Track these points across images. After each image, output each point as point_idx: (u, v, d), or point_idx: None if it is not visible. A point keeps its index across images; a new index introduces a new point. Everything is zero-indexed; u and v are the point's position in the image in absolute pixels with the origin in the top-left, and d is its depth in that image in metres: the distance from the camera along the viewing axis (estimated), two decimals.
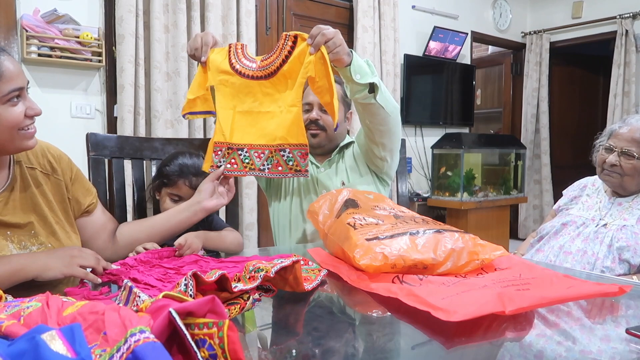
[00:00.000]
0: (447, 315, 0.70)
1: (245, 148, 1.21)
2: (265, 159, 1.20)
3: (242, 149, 1.21)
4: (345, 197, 1.23)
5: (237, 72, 1.21)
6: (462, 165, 4.06)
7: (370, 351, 0.69)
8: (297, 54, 1.18)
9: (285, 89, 1.20)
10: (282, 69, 1.18)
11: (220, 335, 0.49)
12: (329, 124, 1.67)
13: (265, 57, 1.21)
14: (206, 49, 1.23)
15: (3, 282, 0.90)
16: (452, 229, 1.03)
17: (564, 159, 5.22)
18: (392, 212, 1.18)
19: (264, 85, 1.21)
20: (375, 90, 1.38)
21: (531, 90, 5.08)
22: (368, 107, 1.42)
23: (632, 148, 1.53)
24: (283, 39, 1.19)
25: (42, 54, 2.46)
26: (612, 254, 1.45)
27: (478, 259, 0.96)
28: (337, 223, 1.12)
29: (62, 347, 0.46)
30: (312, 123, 1.67)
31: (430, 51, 4.28)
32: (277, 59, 1.19)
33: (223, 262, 1.10)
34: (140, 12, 2.71)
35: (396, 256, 0.92)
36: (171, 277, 0.99)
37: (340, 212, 1.17)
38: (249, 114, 1.22)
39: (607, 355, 0.65)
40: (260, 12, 3.34)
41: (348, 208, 1.17)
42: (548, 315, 0.79)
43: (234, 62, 1.22)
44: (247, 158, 1.20)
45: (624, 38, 4.46)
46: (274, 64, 1.19)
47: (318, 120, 1.66)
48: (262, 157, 1.20)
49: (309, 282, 0.94)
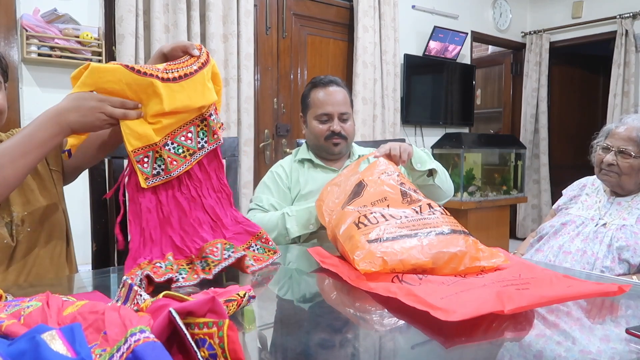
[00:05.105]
0: (446, 315, 0.70)
1: (168, 141, 1.02)
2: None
3: (166, 143, 1.02)
4: (354, 183, 1.23)
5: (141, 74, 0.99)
6: (462, 165, 4.06)
7: (370, 351, 0.69)
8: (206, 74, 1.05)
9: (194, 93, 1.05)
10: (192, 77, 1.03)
11: (220, 334, 0.49)
12: (349, 132, 1.72)
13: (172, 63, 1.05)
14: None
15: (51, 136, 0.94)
16: (457, 229, 1.02)
17: (563, 159, 5.22)
18: (401, 188, 1.17)
19: (170, 87, 1.01)
20: (434, 174, 1.54)
21: (531, 90, 5.08)
22: (426, 187, 1.54)
23: (629, 147, 1.53)
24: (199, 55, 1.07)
25: (42, 53, 2.46)
26: (612, 253, 1.45)
27: (479, 266, 0.96)
28: (342, 217, 1.11)
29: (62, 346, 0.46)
30: (334, 135, 1.69)
31: (430, 51, 4.28)
32: (187, 68, 1.04)
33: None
34: (140, 12, 2.71)
35: (396, 261, 0.92)
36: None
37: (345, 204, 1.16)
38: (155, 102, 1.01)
39: (606, 355, 0.65)
40: (260, 11, 3.34)
41: (355, 197, 1.17)
42: (547, 315, 0.79)
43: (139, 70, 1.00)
44: (179, 148, 1.03)
45: (623, 38, 4.46)
46: (182, 70, 1.03)
47: (341, 132, 1.69)
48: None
49: (260, 262, 1.04)
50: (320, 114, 1.70)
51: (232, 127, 3.03)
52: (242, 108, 3.09)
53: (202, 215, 1.06)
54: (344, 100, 1.72)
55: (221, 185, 1.10)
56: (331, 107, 1.69)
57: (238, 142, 2.99)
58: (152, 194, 1.03)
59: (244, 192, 3.09)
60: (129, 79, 0.96)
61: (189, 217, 1.04)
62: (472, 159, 4.34)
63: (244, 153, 3.12)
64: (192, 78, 1.02)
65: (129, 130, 0.98)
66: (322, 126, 1.70)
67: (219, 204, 1.09)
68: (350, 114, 1.74)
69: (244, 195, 3.09)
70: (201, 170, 1.08)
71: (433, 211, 1.08)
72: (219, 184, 1.10)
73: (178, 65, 1.03)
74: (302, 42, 3.60)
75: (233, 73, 3.02)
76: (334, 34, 3.77)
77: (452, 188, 1.66)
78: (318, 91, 1.72)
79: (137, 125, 0.99)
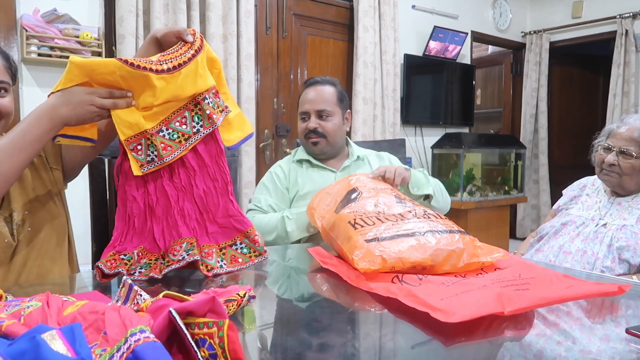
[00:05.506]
0: (445, 316, 0.70)
1: (162, 127, 1.02)
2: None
3: (160, 130, 1.02)
4: (346, 190, 1.23)
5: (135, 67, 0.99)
6: (462, 165, 4.06)
7: (370, 350, 0.69)
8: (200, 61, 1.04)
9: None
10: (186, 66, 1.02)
11: (220, 334, 0.49)
12: (329, 130, 1.69)
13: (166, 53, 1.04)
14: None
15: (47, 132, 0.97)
16: (454, 229, 1.03)
17: (563, 159, 5.22)
18: (394, 197, 1.18)
19: (163, 79, 1.01)
20: (430, 198, 1.56)
21: (530, 90, 5.08)
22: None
23: (630, 147, 1.53)
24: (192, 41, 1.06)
25: (42, 53, 2.46)
26: (612, 253, 1.45)
27: (478, 262, 0.96)
28: (337, 220, 1.11)
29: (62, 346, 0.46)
30: (311, 132, 1.68)
31: (430, 51, 4.28)
32: (181, 57, 1.03)
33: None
34: (140, 12, 2.71)
35: (395, 259, 0.92)
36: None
37: (339, 208, 1.17)
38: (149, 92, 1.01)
39: (606, 355, 0.65)
40: (260, 11, 3.34)
41: (349, 203, 1.17)
42: (548, 315, 0.79)
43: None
44: (174, 133, 1.03)
45: (623, 38, 4.46)
46: (176, 60, 1.03)
47: (317, 129, 1.68)
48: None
49: (235, 264, 1.04)
50: (300, 112, 1.73)
51: None
52: (243, 108, 3.09)
53: (189, 206, 1.05)
54: (324, 98, 1.70)
55: (219, 173, 1.07)
56: (308, 104, 1.69)
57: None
58: (139, 183, 1.03)
59: (245, 192, 3.09)
60: (123, 71, 0.96)
61: (175, 208, 1.03)
62: (472, 159, 4.34)
63: (245, 153, 3.12)
64: (186, 67, 1.02)
65: (120, 120, 0.99)
66: (302, 124, 1.72)
67: (213, 192, 1.07)
68: (334, 113, 1.70)
69: (246, 195, 3.09)
70: (197, 157, 1.06)
71: (428, 215, 1.09)
72: (216, 171, 1.07)
73: (172, 55, 1.02)
74: (302, 42, 3.60)
75: (233, 73, 3.02)
76: (334, 34, 3.76)
77: (449, 203, 1.68)
78: (304, 91, 1.75)
79: (128, 114, 0.99)
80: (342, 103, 1.74)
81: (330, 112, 1.69)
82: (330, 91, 1.71)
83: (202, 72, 1.04)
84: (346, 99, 1.78)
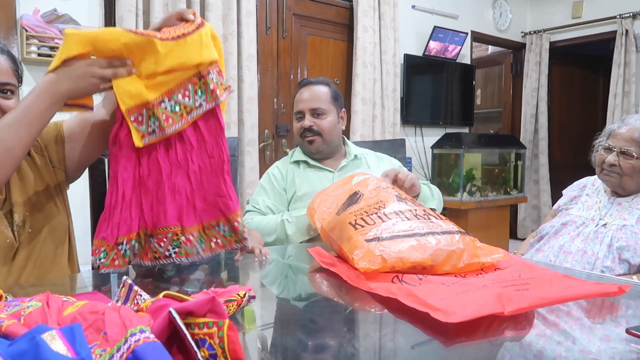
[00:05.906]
0: (445, 316, 0.70)
1: (165, 98, 1.01)
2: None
3: (162, 100, 1.01)
4: (348, 194, 1.23)
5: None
6: (462, 165, 4.06)
7: (370, 350, 0.69)
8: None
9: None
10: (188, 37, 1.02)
11: (220, 334, 0.49)
12: (324, 127, 1.69)
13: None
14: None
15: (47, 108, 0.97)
16: (454, 229, 1.03)
17: (563, 159, 5.22)
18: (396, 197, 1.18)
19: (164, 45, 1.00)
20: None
21: (530, 90, 5.08)
22: None
23: (631, 148, 1.53)
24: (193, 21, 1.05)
25: (42, 53, 2.46)
26: (612, 253, 1.45)
27: (478, 262, 0.96)
28: (338, 222, 1.11)
29: (62, 347, 0.46)
30: (306, 131, 1.68)
31: (430, 51, 4.28)
32: (185, 29, 1.03)
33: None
34: (140, 12, 2.71)
35: (395, 259, 0.92)
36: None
37: (341, 210, 1.17)
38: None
39: (607, 355, 0.65)
40: (260, 11, 3.34)
41: (350, 205, 1.17)
42: (548, 315, 0.79)
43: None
44: (176, 105, 1.02)
45: (623, 38, 4.46)
46: (179, 30, 1.02)
47: (312, 127, 1.68)
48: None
49: (214, 249, 1.05)
50: (295, 112, 1.74)
51: (233, 127, 3.03)
52: (245, 109, 3.09)
53: (182, 181, 1.04)
54: (318, 96, 1.70)
55: (218, 150, 1.05)
56: (302, 104, 1.69)
57: (239, 142, 2.99)
58: (132, 153, 1.02)
59: (248, 192, 3.08)
60: (127, 38, 0.96)
61: (166, 183, 1.03)
62: (472, 159, 4.34)
63: (247, 153, 3.12)
64: (191, 36, 1.01)
65: (122, 90, 0.98)
66: (297, 124, 1.72)
67: (208, 169, 1.05)
68: (329, 111, 1.70)
69: (248, 195, 3.08)
70: (196, 132, 1.04)
71: (428, 215, 1.09)
72: (214, 148, 1.05)
73: (175, 28, 1.02)
74: (302, 42, 3.60)
75: (233, 73, 3.02)
76: (334, 34, 3.76)
77: (442, 205, 1.73)
78: (298, 92, 1.75)
79: (130, 83, 0.98)
80: (337, 102, 1.74)
81: (324, 110, 1.69)
82: (324, 90, 1.71)
83: (207, 41, 1.03)
84: (341, 98, 1.78)
